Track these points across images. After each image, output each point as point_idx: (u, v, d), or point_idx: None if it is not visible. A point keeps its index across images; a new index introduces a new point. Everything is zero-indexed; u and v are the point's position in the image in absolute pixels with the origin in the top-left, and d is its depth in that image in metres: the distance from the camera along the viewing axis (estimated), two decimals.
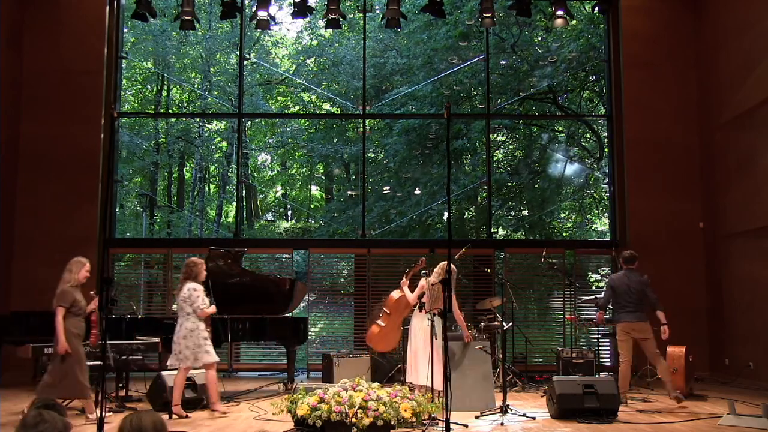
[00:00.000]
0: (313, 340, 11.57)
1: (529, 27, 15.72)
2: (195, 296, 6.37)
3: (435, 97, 15.63)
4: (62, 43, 10.47)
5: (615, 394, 6.30)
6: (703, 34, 10.55)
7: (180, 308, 6.41)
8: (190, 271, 6.46)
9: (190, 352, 6.30)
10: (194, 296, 6.36)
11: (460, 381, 6.71)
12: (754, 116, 9.12)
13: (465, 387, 6.79)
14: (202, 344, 6.36)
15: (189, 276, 6.46)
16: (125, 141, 16.03)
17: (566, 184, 17.11)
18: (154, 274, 12.04)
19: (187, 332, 6.33)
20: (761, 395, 7.75)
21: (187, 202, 19.41)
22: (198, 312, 6.36)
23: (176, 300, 6.52)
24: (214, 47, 17.82)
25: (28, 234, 10.14)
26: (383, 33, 16.52)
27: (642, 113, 10.59)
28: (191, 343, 6.31)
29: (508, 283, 8.17)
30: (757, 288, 8.98)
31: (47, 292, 8.18)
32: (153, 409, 6.41)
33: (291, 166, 20.94)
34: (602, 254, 11.38)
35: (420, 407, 5.08)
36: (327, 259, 11.77)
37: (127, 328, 7.73)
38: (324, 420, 4.89)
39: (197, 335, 6.34)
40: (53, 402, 2.85)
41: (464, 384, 6.81)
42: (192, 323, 6.35)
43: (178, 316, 6.47)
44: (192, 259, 6.64)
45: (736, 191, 9.54)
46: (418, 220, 16.18)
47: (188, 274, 6.46)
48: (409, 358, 6.59)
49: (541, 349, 10.66)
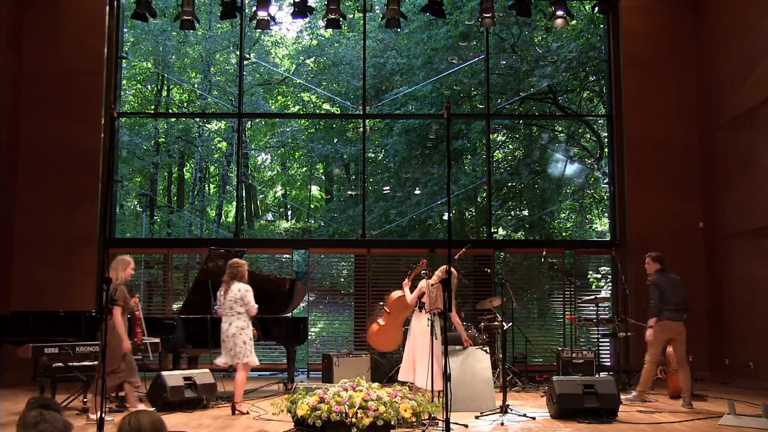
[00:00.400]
0: (313, 340, 11.57)
1: (529, 27, 15.72)
2: (249, 296, 6.54)
3: (435, 97, 15.63)
4: (62, 43, 10.47)
5: (615, 394, 6.30)
6: (703, 34, 10.55)
7: (229, 308, 6.54)
8: (236, 271, 6.63)
9: (240, 349, 6.47)
10: (247, 297, 6.54)
11: (460, 387, 6.70)
12: (754, 116, 9.12)
13: (465, 391, 6.78)
14: (249, 343, 6.55)
15: (235, 276, 6.62)
16: (125, 141, 16.02)
17: (566, 184, 17.11)
18: (154, 274, 12.04)
19: (238, 330, 6.49)
20: (761, 395, 7.75)
21: (187, 202, 19.41)
22: (252, 312, 6.56)
23: (222, 300, 6.60)
24: (214, 47, 17.81)
25: (28, 234, 10.14)
26: (383, 33, 16.52)
27: (642, 113, 10.59)
28: (240, 340, 6.48)
29: (508, 283, 8.17)
30: (757, 288, 8.98)
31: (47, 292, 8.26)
32: (153, 409, 6.41)
33: (291, 166, 20.94)
34: (602, 254, 11.38)
35: (420, 407, 5.08)
36: (327, 259, 11.77)
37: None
38: (324, 420, 4.89)
39: (246, 334, 6.53)
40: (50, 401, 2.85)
41: (464, 388, 6.80)
42: (243, 322, 6.53)
43: (223, 315, 6.59)
44: (235, 260, 6.82)
45: (736, 191, 9.54)
46: (418, 220, 16.18)
47: (234, 274, 6.62)
48: (405, 357, 6.64)
49: (541, 349, 10.66)
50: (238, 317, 6.52)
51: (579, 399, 6.18)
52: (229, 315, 6.55)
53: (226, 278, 6.65)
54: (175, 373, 6.86)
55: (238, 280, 6.60)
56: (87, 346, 6.79)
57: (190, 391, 6.71)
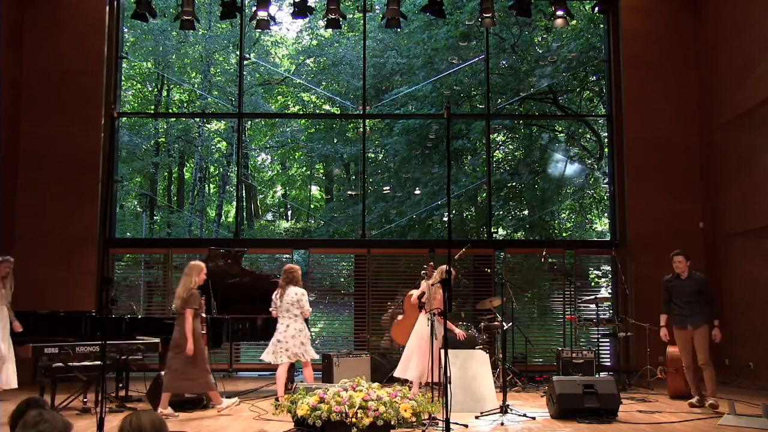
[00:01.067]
0: (313, 340, 11.52)
1: (529, 27, 15.72)
2: (304, 300, 6.97)
3: (435, 97, 15.62)
4: (62, 43, 10.47)
5: (615, 394, 6.30)
6: (703, 34, 10.55)
7: (286, 310, 6.95)
8: (292, 276, 7.04)
9: (298, 349, 6.88)
10: (303, 300, 6.96)
11: (460, 389, 6.70)
12: (754, 116, 9.12)
13: (466, 394, 6.78)
14: (307, 342, 6.99)
15: (290, 281, 7.02)
16: (125, 141, 16.02)
17: (566, 184, 17.11)
18: (154, 274, 12.03)
19: (296, 332, 6.90)
20: (761, 395, 7.75)
21: (187, 202, 19.41)
22: (306, 314, 7.00)
23: (279, 302, 6.98)
24: (214, 47, 17.81)
25: (28, 234, 10.14)
26: (383, 33, 16.52)
27: (642, 113, 10.59)
28: (298, 341, 6.89)
29: (508, 283, 8.17)
30: (757, 288, 8.98)
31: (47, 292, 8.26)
32: (153, 409, 6.41)
33: (291, 166, 20.94)
34: (602, 254, 11.38)
35: (420, 407, 5.08)
36: (327, 259, 11.77)
37: (127, 328, 7.73)
38: (324, 420, 4.88)
39: (305, 335, 6.98)
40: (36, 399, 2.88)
41: (465, 391, 6.79)
42: (301, 324, 6.96)
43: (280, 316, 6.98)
44: (291, 265, 7.23)
45: (736, 191, 9.54)
46: (418, 220, 16.18)
47: (289, 279, 7.03)
48: (403, 354, 7.02)
49: (541, 349, 10.66)
50: (295, 319, 6.95)
51: (579, 399, 6.19)
52: (286, 317, 6.95)
53: (281, 282, 7.07)
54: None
55: (293, 284, 7.01)
56: (87, 346, 6.78)
57: None
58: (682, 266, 7.05)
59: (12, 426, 2.70)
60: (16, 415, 2.76)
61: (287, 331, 6.90)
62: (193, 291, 6.45)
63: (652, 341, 8.63)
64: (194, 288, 6.47)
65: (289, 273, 7.05)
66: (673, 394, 7.75)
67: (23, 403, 2.89)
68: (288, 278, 7.02)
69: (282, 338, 6.89)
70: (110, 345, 6.76)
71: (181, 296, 6.43)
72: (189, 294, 6.41)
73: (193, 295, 6.43)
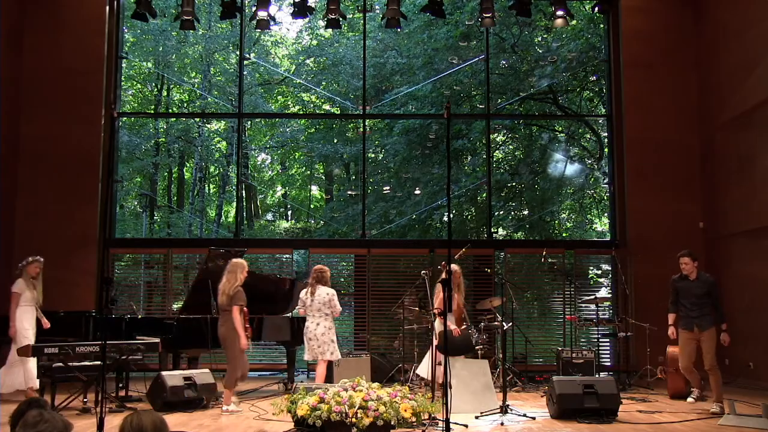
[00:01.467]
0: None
1: (529, 27, 15.72)
2: (335, 300, 7.12)
3: (435, 97, 15.62)
4: (62, 43, 10.47)
5: (615, 394, 6.30)
6: (703, 34, 10.55)
7: (317, 309, 7.09)
8: (321, 276, 7.21)
9: (327, 347, 7.03)
10: (334, 300, 7.11)
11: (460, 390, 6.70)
12: (754, 116, 9.12)
13: (466, 395, 6.78)
14: (336, 341, 7.15)
15: (320, 280, 7.19)
16: (125, 141, 16.02)
17: (566, 184, 17.10)
18: (154, 274, 12.03)
19: (326, 329, 7.06)
20: (761, 395, 7.75)
21: (187, 202, 19.40)
22: (337, 313, 7.15)
23: (310, 302, 7.12)
24: (213, 47, 17.81)
25: (28, 234, 10.13)
26: (383, 33, 16.51)
27: (642, 113, 10.59)
28: (328, 339, 7.06)
29: (508, 283, 8.17)
30: (757, 288, 8.98)
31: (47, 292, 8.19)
32: (153, 409, 6.42)
33: (291, 166, 20.93)
34: (602, 254, 11.38)
35: (420, 407, 5.08)
36: (327, 259, 11.76)
37: (127, 328, 7.72)
38: (324, 420, 4.88)
39: (333, 333, 7.14)
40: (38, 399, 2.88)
41: (465, 392, 6.80)
42: (330, 322, 7.12)
43: (310, 315, 7.12)
44: (320, 266, 7.37)
45: (736, 191, 9.54)
46: (418, 220, 16.17)
47: (319, 278, 7.19)
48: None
49: (541, 349, 10.65)
50: (325, 318, 7.10)
51: (579, 399, 6.18)
52: (316, 316, 7.10)
53: (311, 282, 7.22)
54: (175, 373, 6.86)
55: (323, 284, 7.17)
56: (87, 346, 6.78)
57: (190, 391, 6.71)
58: (689, 267, 6.95)
59: (12, 425, 2.71)
60: (17, 415, 2.77)
61: (317, 329, 7.06)
62: (239, 288, 6.63)
63: (652, 341, 8.64)
64: (239, 285, 6.64)
65: (319, 273, 7.23)
66: (673, 394, 7.75)
67: (24, 403, 2.90)
68: (318, 278, 7.19)
69: (312, 336, 7.07)
70: (110, 345, 6.76)
71: (228, 293, 6.60)
72: (235, 291, 6.60)
73: (239, 292, 6.62)
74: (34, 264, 7.58)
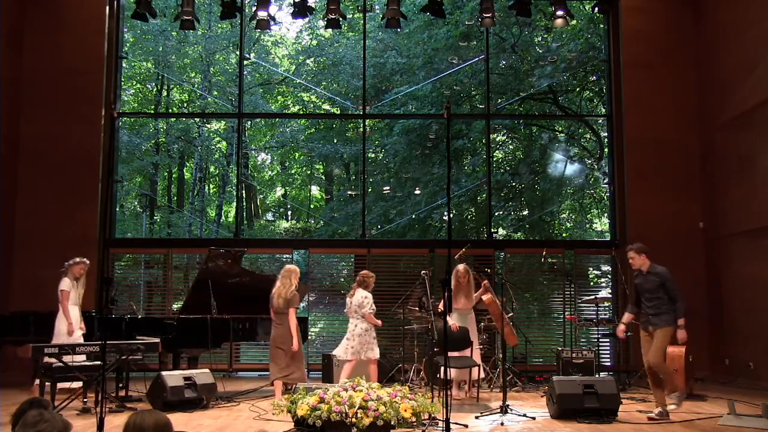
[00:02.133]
0: (313, 340, 11.57)
1: (529, 27, 15.72)
2: (365, 302, 7.39)
3: (435, 96, 15.62)
4: (62, 43, 10.46)
5: (615, 393, 6.30)
6: (703, 34, 10.55)
7: (354, 311, 7.45)
8: (363, 280, 7.53)
9: (361, 348, 7.31)
10: (364, 302, 7.39)
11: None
12: (754, 116, 9.12)
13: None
14: (372, 342, 7.41)
15: (361, 284, 7.51)
16: (125, 141, 16.02)
17: (566, 184, 17.10)
18: (154, 274, 12.03)
19: (363, 331, 7.36)
20: (761, 395, 7.75)
21: (186, 202, 19.40)
22: (365, 316, 7.37)
23: (350, 303, 7.50)
24: (213, 47, 17.80)
25: (28, 234, 10.13)
26: (383, 33, 16.51)
27: (642, 113, 10.59)
28: (364, 340, 7.34)
29: (508, 283, 8.17)
30: (757, 288, 8.97)
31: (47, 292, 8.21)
32: (153, 408, 6.42)
33: (291, 166, 20.93)
34: (602, 254, 11.38)
35: (420, 407, 5.08)
36: (327, 259, 11.77)
37: (127, 328, 7.72)
38: (324, 420, 4.88)
39: (370, 334, 7.40)
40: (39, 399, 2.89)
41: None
42: (367, 323, 7.39)
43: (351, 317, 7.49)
44: (366, 271, 7.68)
45: (736, 191, 9.54)
46: (418, 220, 16.17)
47: (360, 282, 7.52)
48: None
49: (541, 349, 10.65)
50: (361, 320, 7.40)
51: (579, 399, 6.18)
52: (354, 317, 7.44)
53: (354, 285, 7.60)
54: (175, 373, 6.86)
55: (363, 288, 7.47)
56: (87, 346, 6.78)
57: (190, 391, 6.70)
58: (636, 262, 6.51)
59: (13, 425, 2.72)
60: (18, 415, 2.78)
61: (355, 330, 7.38)
62: (295, 291, 7.00)
63: None
64: (295, 289, 7.00)
65: (362, 277, 7.57)
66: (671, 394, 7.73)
67: (26, 403, 2.90)
68: (359, 282, 7.54)
69: (350, 336, 7.40)
70: (110, 345, 6.76)
71: (285, 296, 6.95)
72: (292, 294, 6.95)
73: (296, 295, 6.99)
74: (80, 265, 7.71)
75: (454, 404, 6.84)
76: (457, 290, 7.86)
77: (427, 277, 7.61)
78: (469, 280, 7.98)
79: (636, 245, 6.66)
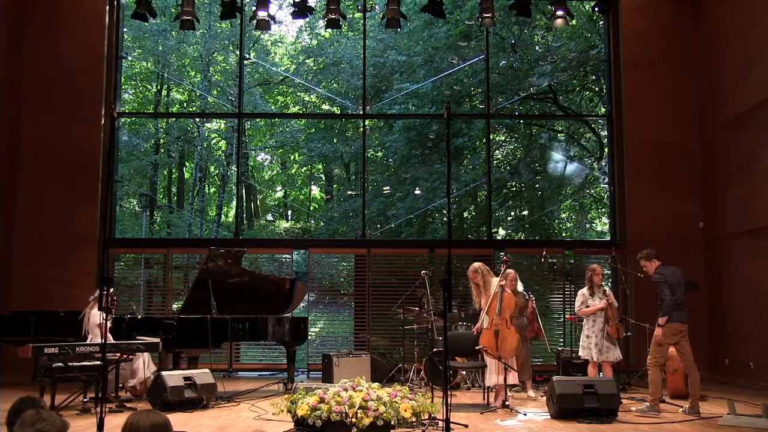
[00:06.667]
0: (313, 340, 11.58)
1: (529, 27, 15.72)
2: (578, 300, 7.42)
3: (435, 95, 15.62)
4: (62, 43, 10.47)
5: (615, 393, 6.30)
6: (703, 34, 10.55)
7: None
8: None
9: (597, 349, 7.19)
10: (577, 300, 7.43)
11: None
12: (754, 116, 9.12)
13: None
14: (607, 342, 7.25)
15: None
16: (125, 141, 16.02)
17: (566, 184, 17.10)
18: (154, 274, 12.03)
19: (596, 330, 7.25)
20: (761, 395, 7.75)
21: (186, 202, 19.40)
22: (579, 313, 7.36)
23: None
24: (213, 47, 17.81)
25: (28, 234, 10.14)
26: (383, 32, 16.51)
27: (642, 113, 10.59)
28: (599, 340, 7.21)
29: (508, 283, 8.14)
30: (757, 288, 8.98)
31: (47, 292, 8.26)
32: (153, 409, 6.42)
33: (291, 166, 20.93)
34: (602, 254, 11.36)
35: (420, 407, 5.08)
36: (327, 259, 11.77)
37: (127, 328, 7.71)
38: (324, 420, 4.88)
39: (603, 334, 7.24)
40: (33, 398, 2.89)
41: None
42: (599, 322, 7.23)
43: None
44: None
45: (736, 191, 9.54)
46: (417, 220, 16.17)
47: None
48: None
49: (541, 349, 10.64)
50: (591, 319, 7.30)
51: (579, 399, 6.18)
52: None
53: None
54: (175, 373, 6.86)
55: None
56: (87, 346, 6.78)
57: (190, 391, 6.70)
58: (650, 268, 6.90)
59: (9, 424, 2.71)
60: (12, 413, 2.77)
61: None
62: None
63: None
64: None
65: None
66: (673, 394, 7.74)
67: (19, 400, 2.90)
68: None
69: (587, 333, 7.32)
70: (110, 345, 6.76)
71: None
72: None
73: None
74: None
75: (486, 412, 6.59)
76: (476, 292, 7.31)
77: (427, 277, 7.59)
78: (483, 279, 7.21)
79: (644, 253, 7.01)
